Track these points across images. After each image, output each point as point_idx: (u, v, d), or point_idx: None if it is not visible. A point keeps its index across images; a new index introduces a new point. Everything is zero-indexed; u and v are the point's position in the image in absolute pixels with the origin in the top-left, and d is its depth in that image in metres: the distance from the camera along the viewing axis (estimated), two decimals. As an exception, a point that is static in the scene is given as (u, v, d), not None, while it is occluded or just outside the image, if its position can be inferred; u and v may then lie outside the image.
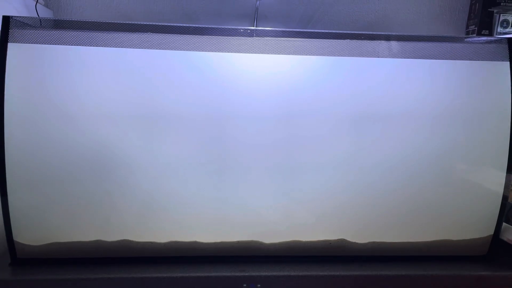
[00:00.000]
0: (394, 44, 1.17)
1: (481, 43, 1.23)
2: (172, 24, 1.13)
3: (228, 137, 1.18)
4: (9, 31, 1.08)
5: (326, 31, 1.12)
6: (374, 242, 1.27)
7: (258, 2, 1.62)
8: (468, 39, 1.26)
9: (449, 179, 1.26)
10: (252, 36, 1.15)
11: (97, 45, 1.12)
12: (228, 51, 1.14)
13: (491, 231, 1.29)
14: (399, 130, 1.21)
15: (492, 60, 1.21)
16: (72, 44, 1.11)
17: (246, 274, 1.17)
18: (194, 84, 1.15)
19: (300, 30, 1.12)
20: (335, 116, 1.19)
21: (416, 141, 1.22)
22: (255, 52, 1.14)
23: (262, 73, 1.16)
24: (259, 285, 1.17)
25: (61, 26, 1.15)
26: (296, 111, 1.18)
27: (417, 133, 1.21)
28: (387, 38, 1.16)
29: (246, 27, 1.14)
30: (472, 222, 1.29)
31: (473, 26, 1.77)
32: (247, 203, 1.22)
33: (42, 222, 1.18)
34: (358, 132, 1.20)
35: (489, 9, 1.72)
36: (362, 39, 1.15)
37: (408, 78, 1.19)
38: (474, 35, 1.76)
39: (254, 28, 1.18)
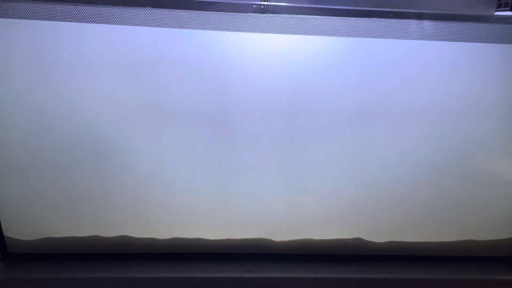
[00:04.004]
0: (426, 24, 1.02)
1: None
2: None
3: (236, 128, 1.06)
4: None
5: (352, 7, 0.97)
6: (392, 242, 1.18)
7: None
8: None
9: (474, 177, 1.15)
10: (264, 13, 1.00)
11: (87, 21, 0.97)
12: (237, 30, 1.00)
13: (518, 232, 1.19)
14: (421, 125, 1.08)
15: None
16: (60, 20, 0.97)
17: (253, 275, 1.08)
18: (197, 68, 1.01)
19: (321, 6, 0.97)
20: (356, 107, 1.06)
21: (440, 136, 1.10)
22: (268, 32, 1.00)
23: (274, 56, 1.02)
24: None
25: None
26: (311, 101, 1.05)
27: (441, 127, 1.09)
28: (419, 16, 1.01)
29: (259, 2, 1.00)
30: (498, 222, 1.19)
31: None
32: (255, 198, 1.12)
33: (35, 215, 1.09)
34: (379, 125, 1.08)
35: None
36: (390, 17, 1.00)
37: (433, 63, 1.05)
38: (508, 9, 1.59)
39: (266, 3, 1.03)
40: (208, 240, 1.15)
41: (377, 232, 1.17)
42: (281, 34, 1.01)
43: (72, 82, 0.99)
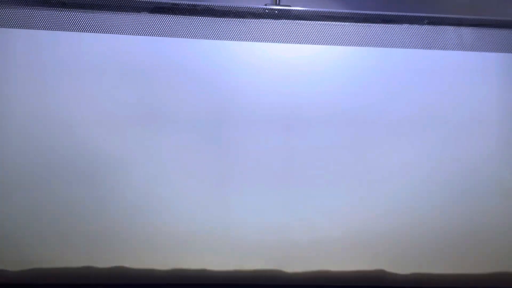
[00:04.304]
0: (465, 31, 0.89)
1: None
2: (174, 1, 0.86)
3: (241, 148, 0.95)
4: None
5: (381, 12, 0.83)
6: (418, 274, 1.06)
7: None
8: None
9: (506, 206, 1.05)
10: (278, 18, 0.87)
11: (81, 30, 0.87)
12: (245, 40, 0.87)
13: (560, 263, 1.07)
14: (453, 150, 1.00)
15: None
16: (50, 29, 0.87)
17: (264, 312, 0.98)
18: (193, 78, 0.91)
19: (349, 11, 0.83)
20: (380, 124, 0.94)
21: (476, 156, 1.00)
22: (282, 41, 0.88)
23: (276, 64, 0.91)
24: None
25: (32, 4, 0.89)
26: (327, 117, 0.94)
27: (473, 153, 1.00)
28: (458, 23, 0.88)
29: (270, 6, 0.86)
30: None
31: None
32: (265, 224, 1.03)
33: (23, 244, 1.00)
34: (406, 150, 0.98)
35: None
36: (425, 23, 0.87)
37: (475, 74, 0.94)
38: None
39: (279, 7, 0.89)
40: (212, 271, 1.05)
41: (401, 262, 1.06)
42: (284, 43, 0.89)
43: (60, 94, 0.89)
